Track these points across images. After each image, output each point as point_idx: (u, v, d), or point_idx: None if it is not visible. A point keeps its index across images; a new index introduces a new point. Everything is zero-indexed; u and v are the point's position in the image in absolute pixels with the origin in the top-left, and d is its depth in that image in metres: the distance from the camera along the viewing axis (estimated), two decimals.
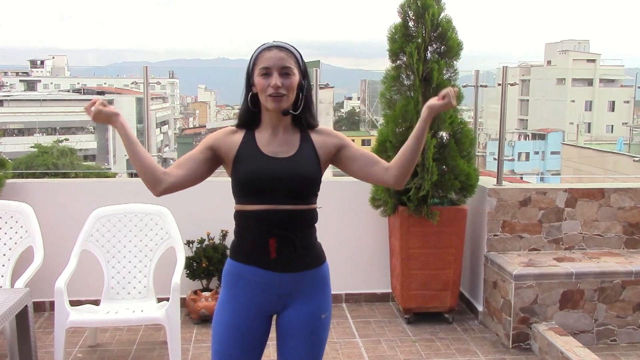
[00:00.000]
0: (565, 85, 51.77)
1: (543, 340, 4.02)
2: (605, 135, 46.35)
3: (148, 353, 4.12)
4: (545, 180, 35.63)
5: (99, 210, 4.17)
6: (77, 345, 4.19)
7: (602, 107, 52.22)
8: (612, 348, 4.22)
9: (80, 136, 42.46)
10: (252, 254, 2.18)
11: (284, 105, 2.16)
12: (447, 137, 4.45)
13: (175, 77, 67.76)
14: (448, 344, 4.28)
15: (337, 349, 4.18)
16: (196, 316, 4.56)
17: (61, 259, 4.22)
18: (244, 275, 2.21)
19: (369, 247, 5.01)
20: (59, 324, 3.63)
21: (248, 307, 2.22)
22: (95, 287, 4.25)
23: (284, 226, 2.15)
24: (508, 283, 4.20)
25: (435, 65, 4.30)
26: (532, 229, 4.60)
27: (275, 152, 2.20)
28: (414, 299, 4.55)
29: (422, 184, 4.28)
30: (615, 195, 4.65)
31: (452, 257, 4.49)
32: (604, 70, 54.91)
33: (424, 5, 4.36)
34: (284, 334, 2.26)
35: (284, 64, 2.15)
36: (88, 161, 40.25)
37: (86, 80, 66.85)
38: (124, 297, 4.10)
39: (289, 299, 2.23)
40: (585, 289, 4.20)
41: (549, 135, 43.57)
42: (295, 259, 2.19)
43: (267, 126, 2.23)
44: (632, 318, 4.27)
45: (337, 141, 2.29)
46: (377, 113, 74.73)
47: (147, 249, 4.18)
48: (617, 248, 4.68)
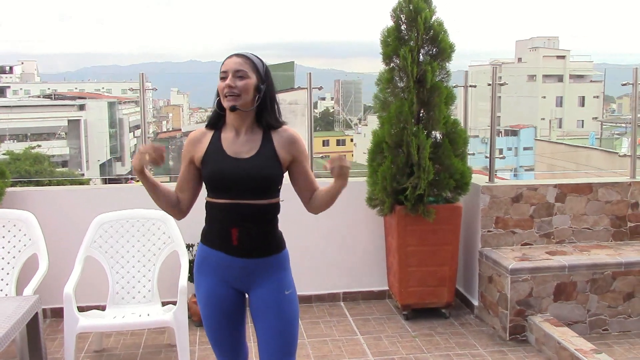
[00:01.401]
0: (536, 82, 52.58)
1: (539, 332, 4.16)
2: (577, 130, 47.13)
3: (155, 356, 4.17)
4: (519, 176, 36.08)
5: (101, 216, 4.21)
6: (83, 351, 4.23)
7: (573, 102, 53.13)
8: (604, 337, 4.38)
9: (52, 142, 41.87)
10: (217, 240, 2.48)
11: (236, 103, 2.41)
12: (441, 137, 4.57)
13: (148, 81, 67.16)
14: (447, 338, 4.40)
15: (340, 346, 4.27)
16: (197, 318, 4.62)
17: (63, 266, 4.25)
18: (211, 258, 2.51)
19: (365, 246, 5.11)
20: (69, 330, 3.67)
21: (217, 279, 2.51)
22: (100, 292, 4.29)
23: (245, 218, 2.43)
24: (504, 277, 4.34)
25: (428, 67, 4.42)
26: (524, 224, 4.75)
27: (237, 153, 2.45)
28: (412, 295, 4.66)
29: (419, 183, 4.40)
30: (603, 189, 4.82)
31: (448, 253, 4.62)
32: (573, 66, 55.86)
33: (416, 8, 4.47)
34: (256, 314, 2.53)
35: (238, 68, 2.41)
36: (60, 167, 39.76)
37: (57, 86, 65.94)
38: (129, 302, 4.14)
39: (251, 281, 2.50)
40: (578, 280, 4.35)
41: (521, 131, 44.14)
42: (254, 246, 2.47)
43: (231, 127, 2.49)
44: (623, 307, 4.44)
45: (294, 153, 2.52)
46: (351, 113, 74.95)
47: (151, 254, 4.23)
48: (606, 240, 4.85)
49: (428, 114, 4.52)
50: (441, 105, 4.48)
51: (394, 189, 4.49)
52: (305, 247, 4.91)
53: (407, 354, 4.14)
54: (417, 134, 4.41)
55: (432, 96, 4.46)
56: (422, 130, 4.43)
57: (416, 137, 4.40)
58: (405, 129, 4.47)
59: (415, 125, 4.46)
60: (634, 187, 4.87)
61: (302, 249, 4.83)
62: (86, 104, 46.98)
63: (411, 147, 4.40)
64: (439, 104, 4.47)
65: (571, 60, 57.28)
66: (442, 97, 4.46)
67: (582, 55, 64.32)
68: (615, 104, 65.76)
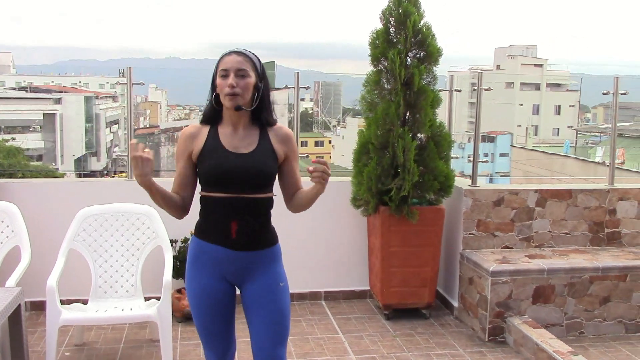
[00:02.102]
0: (514, 89, 53.19)
1: (518, 333, 4.24)
2: (552, 138, 47.78)
3: (136, 351, 4.16)
4: (494, 181, 36.49)
5: (85, 209, 4.18)
6: (64, 345, 4.20)
7: (549, 110, 53.86)
8: (580, 340, 4.47)
9: (26, 135, 41.27)
10: (215, 234, 2.50)
11: (238, 103, 2.44)
12: (426, 140, 4.63)
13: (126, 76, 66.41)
14: (427, 338, 4.45)
15: (322, 344, 4.31)
16: (180, 314, 4.61)
17: (43, 259, 4.22)
18: (207, 252, 2.53)
19: (347, 246, 5.15)
20: (51, 323, 3.64)
21: (212, 273, 2.53)
22: (82, 286, 4.26)
23: (244, 211, 2.47)
24: (484, 279, 4.41)
25: (416, 70, 4.47)
26: (505, 227, 4.83)
27: (236, 148, 2.49)
28: (394, 295, 4.71)
29: (403, 185, 4.45)
30: (582, 195, 4.92)
31: (430, 255, 4.68)
32: (550, 75, 56.63)
33: (405, 12, 4.52)
34: (251, 305, 2.56)
35: (240, 67, 2.44)
36: (35, 161, 39.22)
37: (33, 78, 64.99)
38: (111, 296, 4.13)
39: (247, 274, 2.55)
40: (556, 284, 4.44)
41: (498, 137, 44.62)
42: (252, 239, 2.51)
43: (228, 123, 2.52)
44: (599, 311, 4.53)
45: (287, 150, 2.59)
46: (330, 114, 75.03)
47: (134, 248, 4.22)
48: (583, 245, 4.95)
49: (414, 116, 4.57)
50: (427, 109, 4.53)
51: (379, 190, 4.54)
52: (287, 245, 4.88)
53: (388, 353, 4.18)
54: (403, 136, 4.46)
55: (418, 99, 4.52)
56: (407, 133, 4.48)
57: (402, 139, 4.45)
58: (392, 131, 4.51)
59: (401, 127, 4.51)
60: (612, 194, 4.97)
61: (285, 247, 4.81)
62: (62, 98, 46.38)
63: (397, 148, 4.45)
64: (425, 107, 4.52)
65: (548, 69, 58.10)
66: (428, 100, 4.52)
67: (560, 65, 65.28)
68: (590, 114, 66.76)
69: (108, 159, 52.97)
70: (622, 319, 4.57)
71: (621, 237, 5.00)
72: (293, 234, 4.95)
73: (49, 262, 3.99)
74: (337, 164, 41.99)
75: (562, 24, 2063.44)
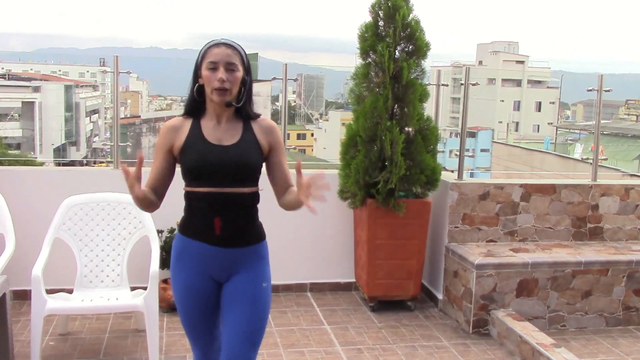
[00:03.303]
0: (495, 85, 53.54)
1: (502, 326, 4.29)
2: (532, 135, 48.21)
3: (121, 341, 4.15)
4: (475, 176, 36.73)
5: (71, 198, 4.15)
6: (48, 334, 4.17)
7: (530, 107, 54.34)
8: (562, 333, 4.54)
9: (4, 124, 40.69)
10: (199, 230, 2.45)
11: (227, 98, 2.39)
12: (414, 133, 4.65)
13: (107, 65, 65.86)
14: (412, 330, 4.49)
15: (308, 335, 4.32)
16: (165, 305, 4.60)
17: (26, 249, 4.18)
18: (191, 249, 2.48)
19: (333, 238, 5.16)
20: (36, 312, 3.62)
21: (196, 271, 2.49)
22: (67, 275, 4.22)
23: (228, 206, 2.42)
24: (469, 272, 4.45)
25: (404, 64, 4.49)
26: (490, 221, 4.88)
27: (219, 140, 2.43)
28: (379, 287, 4.74)
29: (390, 178, 4.47)
30: (566, 190, 4.98)
31: (416, 247, 4.71)
32: (532, 72, 57.12)
33: (394, 6, 4.54)
34: (229, 301, 2.50)
35: (230, 60, 2.38)
36: (13, 149, 38.69)
37: (11, 66, 63.97)
38: (97, 286, 4.10)
39: (232, 271, 2.49)
40: (540, 277, 4.49)
41: (479, 133, 44.89)
42: (236, 236, 2.46)
43: (212, 116, 2.46)
44: (580, 305, 4.60)
45: (272, 142, 2.53)
46: (312, 107, 74.89)
47: (121, 238, 4.20)
48: (566, 240, 5.01)
49: (402, 110, 4.60)
50: (415, 102, 4.56)
51: (366, 182, 4.56)
52: (274, 237, 4.88)
53: (373, 344, 4.21)
54: (391, 129, 4.48)
55: (406, 93, 4.53)
56: (395, 126, 4.50)
57: (390, 132, 4.47)
58: (379, 124, 4.53)
59: (389, 121, 4.53)
60: (594, 190, 5.04)
61: (271, 238, 4.81)
62: (42, 86, 45.77)
63: (384, 141, 4.47)
64: (413, 100, 4.55)
65: (530, 66, 58.56)
66: (416, 94, 4.55)
67: (541, 62, 65.90)
68: (570, 111, 67.50)
69: (88, 148, 52.45)
70: (603, 313, 4.65)
71: (603, 232, 5.07)
72: (279, 226, 4.93)
73: (32, 251, 3.95)
74: (319, 156, 41.93)
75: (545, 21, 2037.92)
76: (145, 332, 3.76)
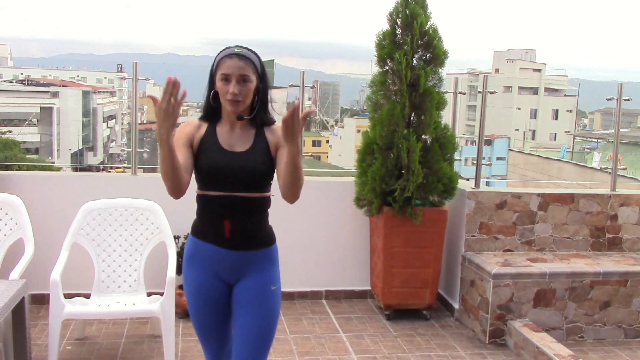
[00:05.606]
0: (512, 93, 53.32)
1: (519, 336, 4.25)
2: (549, 143, 47.92)
3: (137, 346, 4.16)
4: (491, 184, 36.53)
5: (89, 204, 4.18)
6: (65, 338, 4.20)
7: (547, 115, 54.02)
8: (580, 344, 4.49)
9: (23, 128, 41.14)
10: (209, 232, 2.50)
11: (240, 108, 2.43)
12: (431, 141, 4.64)
13: (124, 71, 66.39)
14: (428, 339, 4.47)
15: (323, 343, 4.31)
16: (181, 310, 4.60)
17: (45, 253, 4.21)
18: (202, 251, 2.53)
19: (349, 246, 5.15)
20: (54, 316, 3.64)
21: (207, 271, 2.53)
22: (84, 280, 4.25)
23: (238, 210, 2.46)
24: (486, 282, 4.42)
25: (422, 72, 4.48)
26: (507, 230, 4.84)
27: (232, 146, 2.48)
28: (395, 295, 4.72)
29: (407, 186, 4.46)
30: (584, 200, 4.94)
31: (432, 256, 4.69)
32: (548, 80, 56.81)
33: (412, 14, 4.54)
34: (238, 305, 2.53)
35: (242, 72, 2.40)
36: (31, 154, 39.09)
37: (30, 71, 64.77)
38: (114, 291, 4.13)
39: (241, 273, 2.53)
40: (557, 288, 4.45)
41: (495, 141, 44.68)
42: (245, 239, 2.50)
43: (226, 122, 2.51)
44: (599, 316, 4.55)
45: (280, 140, 2.46)
46: (327, 114, 74.97)
47: (138, 243, 4.22)
48: (584, 250, 4.97)
49: (419, 118, 4.59)
50: (432, 110, 4.55)
51: (383, 190, 4.55)
52: (289, 244, 4.92)
53: (389, 353, 4.20)
54: (408, 137, 4.47)
55: (424, 101, 4.53)
56: (412, 134, 4.49)
57: (407, 140, 4.46)
58: (396, 132, 4.53)
59: (406, 129, 4.52)
60: (613, 200, 4.99)
61: (287, 245, 4.80)
62: (60, 92, 46.28)
63: (401, 150, 4.47)
64: (430, 108, 4.54)
65: (547, 74, 58.25)
66: (433, 102, 4.54)
67: (558, 69, 65.54)
68: (587, 119, 66.97)
69: (104, 153, 52.89)
70: (622, 324, 4.59)
71: (622, 242, 5.02)
72: (294, 233, 4.97)
73: (51, 255, 3.99)
74: (334, 163, 41.91)
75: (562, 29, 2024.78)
76: (161, 337, 3.77)
